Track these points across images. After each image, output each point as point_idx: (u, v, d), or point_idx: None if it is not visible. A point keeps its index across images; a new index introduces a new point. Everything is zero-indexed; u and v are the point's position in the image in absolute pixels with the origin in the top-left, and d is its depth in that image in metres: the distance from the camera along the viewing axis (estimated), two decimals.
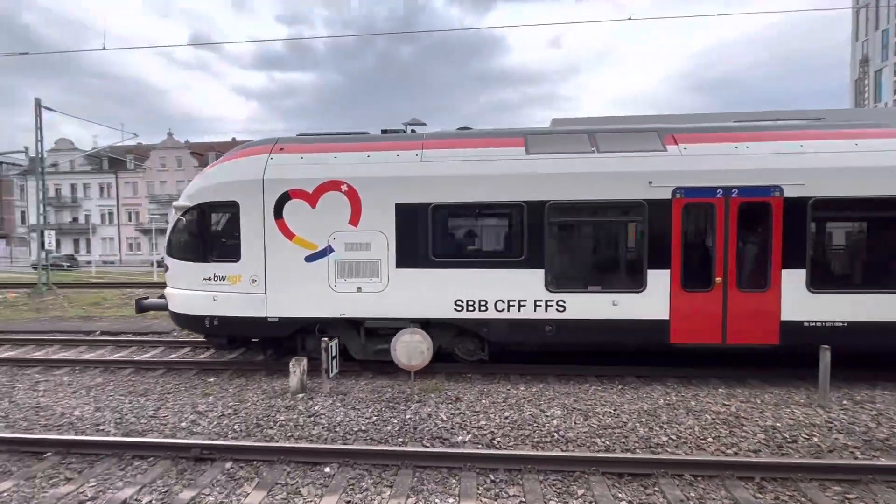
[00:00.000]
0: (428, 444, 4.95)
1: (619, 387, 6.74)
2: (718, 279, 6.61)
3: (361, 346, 7.49)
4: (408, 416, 5.64)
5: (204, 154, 56.30)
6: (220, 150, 54.95)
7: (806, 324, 6.47)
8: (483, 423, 5.46)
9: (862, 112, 8.86)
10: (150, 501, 4.01)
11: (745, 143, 6.73)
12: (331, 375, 6.55)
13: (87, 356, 8.78)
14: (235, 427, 5.46)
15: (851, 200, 6.40)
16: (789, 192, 6.45)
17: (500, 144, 7.17)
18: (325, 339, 6.52)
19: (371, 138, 7.72)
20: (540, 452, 4.61)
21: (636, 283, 6.80)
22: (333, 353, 6.58)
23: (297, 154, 7.31)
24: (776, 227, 6.49)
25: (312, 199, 7.07)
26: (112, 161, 55.76)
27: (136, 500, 4.04)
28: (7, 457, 4.81)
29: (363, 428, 5.37)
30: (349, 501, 3.95)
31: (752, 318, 6.59)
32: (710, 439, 5.00)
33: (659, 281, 6.69)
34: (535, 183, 6.81)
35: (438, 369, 7.35)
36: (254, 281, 7.22)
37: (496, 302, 6.93)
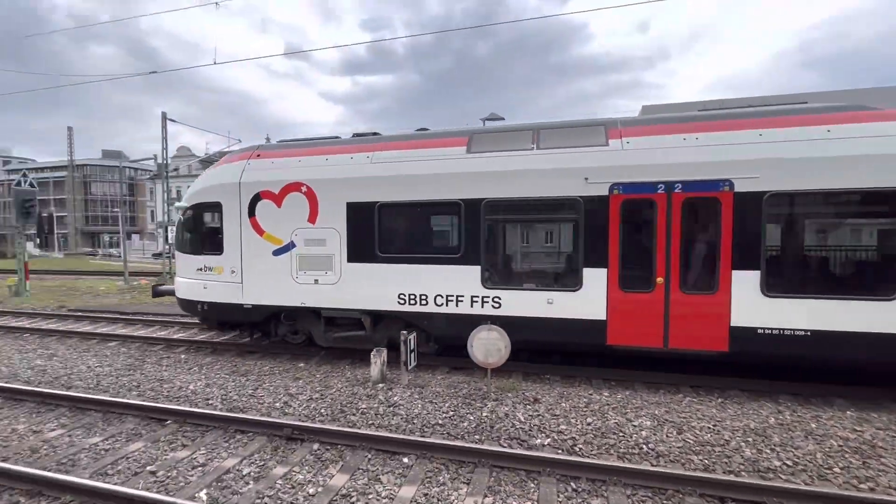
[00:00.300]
0: (505, 445, 4.83)
1: (720, 400, 6.07)
2: (660, 280, 6.25)
3: (322, 333, 7.99)
4: (484, 414, 5.57)
5: None
6: None
7: (760, 330, 5.89)
8: (563, 427, 5.21)
9: (857, 93, 6.90)
10: (249, 473, 4.38)
11: (695, 135, 6.23)
12: (409, 368, 6.69)
13: (199, 337, 9.90)
14: (322, 411, 5.80)
15: (817, 194, 5.72)
16: (741, 186, 5.89)
17: (445, 144, 7.28)
18: (404, 332, 6.67)
19: (333, 142, 8.15)
20: (627, 465, 4.28)
21: (572, 281, 6.65)
22: (412, 347, 6.71)
23: (269, 159, 8.02)
24: (726, 225, 5.97)
25: (278, 199, 7.73)
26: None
27: (237, 469, 4.44)
28: (138, 421, 5.56)
29: (440, 422, 5.40)
30: (427, 494, 3.98)
31: (698, 323, 6.14)
32: (836, 469, 4.30)
33: (595, 280, 6.47)
34: (472, 181, 6.88)
35: (515, 368, 7.20)
36: (233, 272, 8.02)
37: (436, 297, 7.11)
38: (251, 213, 7.89)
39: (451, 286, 7.05)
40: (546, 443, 4.88)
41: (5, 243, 45.43)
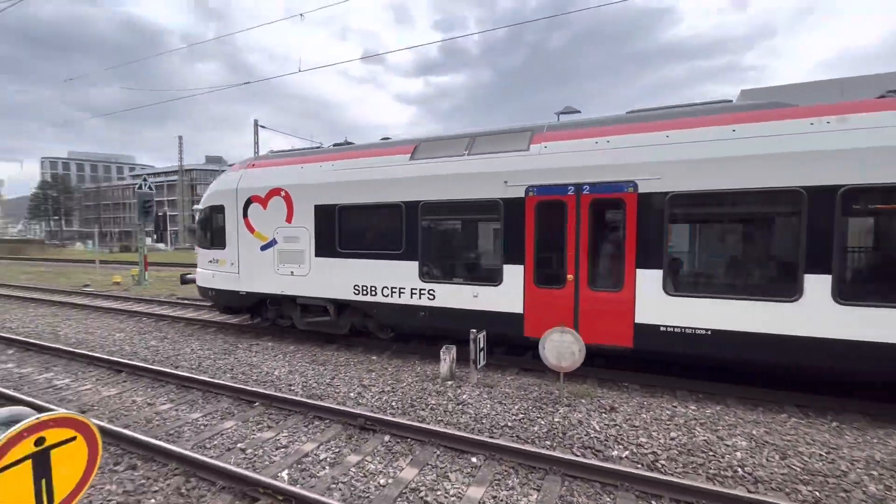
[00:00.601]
0: (578, 454, 4.61)
1: (834, 424, 5.29)
2: (570, 277, 6.55)
3: (299, 318, 9.03)
4: (556, 420, 5.36)
5: None
6: None
7: (662, 328, 6.02)
8: (643, 440, 4.85)
9: (784, 89, 6.61)
10: (326, 458, 4.61)
11: (606, 138, 6.44)
12: (478, 367, 6.65)
13: (285, 327, 10.65)
14: (393, 404, 5.95)
15: (719, 194, 5.72)
16: (644, 188, 6.04)
17: (394, 153, 7.99)
18: (473, 331, 6.63)
19: (309, 153, 9.33)
20: (719, 488, 3.87)
21: (494, 277, 7.09)
22: (481, 346, 6.66)
23: (260, 169, 9.31)
24: (630, 225, 6.14)
25: (265, 202, 8.95)
26: None
27: (315, 454, 4.69)
28: (231, 401, 6.11)
29: (509, 424, 5.29)
30: (495, 497, 3.91)
31: (605, 319, 6.38)
32: None
33: (514, 276, 6.89)
34: (411, 185, 7.55)
35: (589, 373, 6.86)
36: (232, 264, 9.38)
37: (382, 288, 7.88)
38: (245, 214, 9.20)
39: (395, 279, 7.78)
40: (624, 455, 4.57)
41: (130, 239, 52.73)
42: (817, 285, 5.27)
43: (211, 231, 9.89)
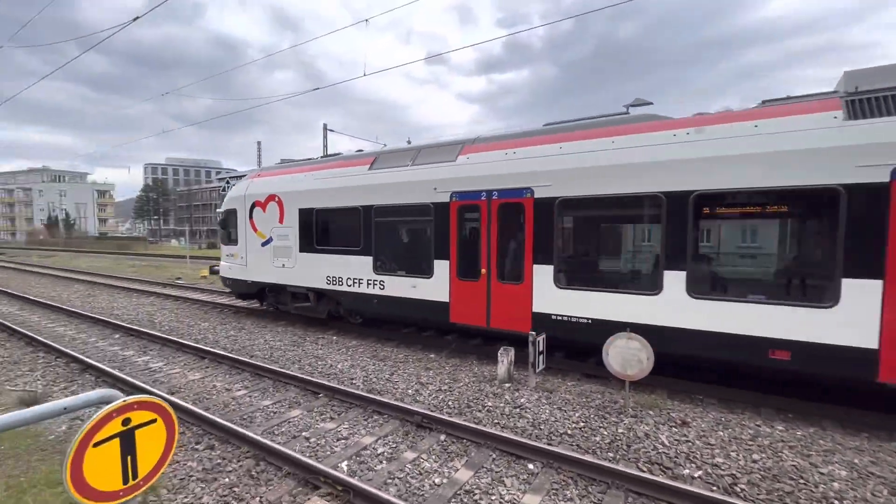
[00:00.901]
0: (644, 469, 4.31)
1: None
2: (483, 271, 7.48)
3: (290, 303, 10.71)
4: (619, 431, 5.07)
5: None
6: None
7: (553, 316, 6.82)
8: (720, 460, 4.44)
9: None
10: (383, 452, 4.71)
11: (513, 150, 7.25)
12: (537, 370, 6.47)
13: (349, 322, 11.10)
14: (450, 403, 5.95)
15: (598, 199, 6.38)
16: (539, 193, 6.84)
17: (359, 164, 9.35)
18: (533, 333, 6.46)
19: (299, 164, 11.00)
20: None
21: (428, 271, 8.12)
22: (541, 349, 6.47)
23: (262, 178, 11.21)
24: (528, 226, 6.95)
25: (264, 206, 10.73)
26: None
27: (373, 448, 4.81)
28: (298, 391, 6.46)
29: (569, 432, 5.08)
30: None
31: (510, 307, 7.25)
32: None
33: (442, 270, 7.93)
34: (368, 192, 8.88)
35: (659, 383, 6.41)
36: (242, 257, 11.29)
37: (347, 279, 9.28)
38: (250, 216, 11.05)
39: (356, 271, 9.12)
40: (697, 475, 4.21)
41: (216, 236, 57.97)
42: (674, 281, 5.87)
43: (227, 230, 11.90)
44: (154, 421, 2.07)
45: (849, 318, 4.95)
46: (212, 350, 8.16)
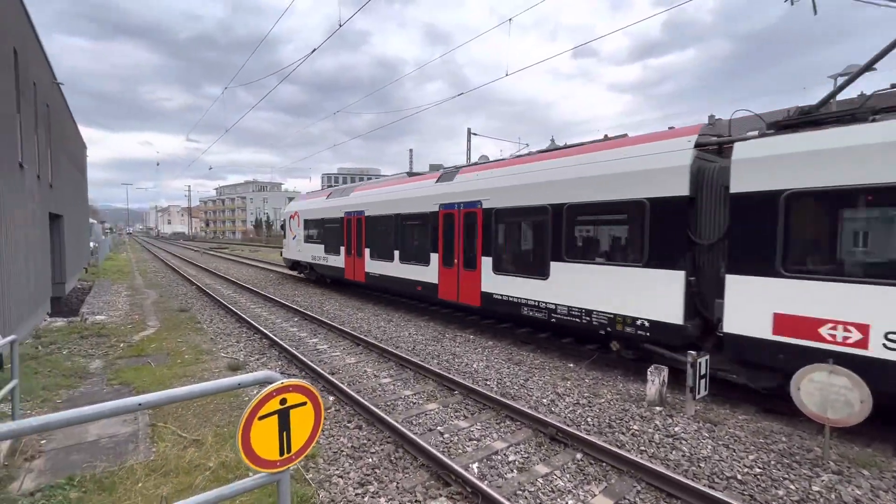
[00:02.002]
0: None
1: None
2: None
3: (307, 272, 18.92)
4: (815, 489, 4.00)
5: None
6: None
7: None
8: None
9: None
10: (514, 461, 4.57)
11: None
12: (697, 396, 5.55)
13: (485, 322, 11.25)
14: (588, 420, 5.50)
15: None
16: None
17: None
18: (693, 353, 5.56)
19: (316, 193, 18.89)
20: None
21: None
22: (702, 371, 5.53)
23: (291, 203, 20.17)
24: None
25: (293, 218, 19.23)
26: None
27: (504, 454, 4.71)
28: (435, 385, 6.73)
29: (738, 477, 4.21)
30: None
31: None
32: None
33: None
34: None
35: (881, 434, 4.89)
36: (288, 245, 20.18)
37: (320, 257, 16.89)
38: (288, 224, 19.97)
39: (331, 257, 16.10)
40: None
41: None
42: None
43: (284, 229, 20.96)
44: (305, 404, 2.32)
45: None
46: (365, 339, 9.09)
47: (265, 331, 9.60)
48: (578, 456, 4.65)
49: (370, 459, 4.60)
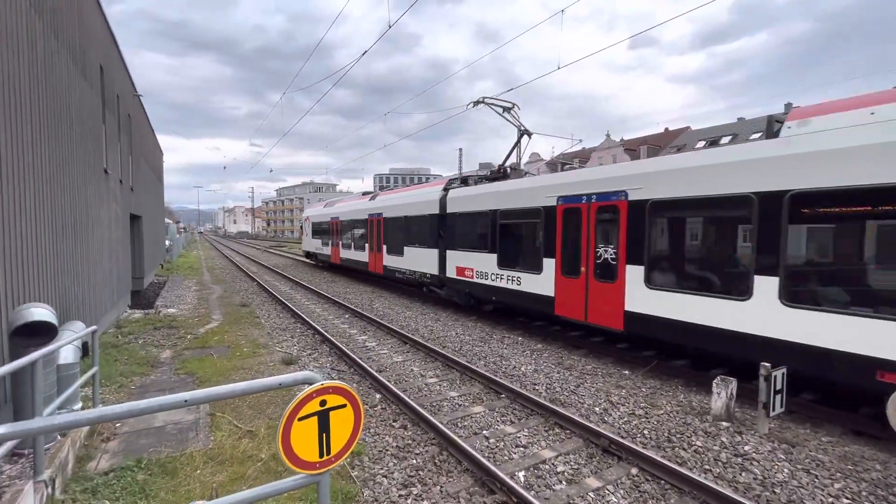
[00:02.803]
0: None
1: None
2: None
3: (316, 259, 26.11)
4: None
5: (636, 149, 58.62)
6: (652, 143, 55.40)
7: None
8: None
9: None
10: (563, 472, 4.34)
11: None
12: (771, 413, 5.02)
13: (537, 324, 10.95)
14: (645, 432, 5.14)
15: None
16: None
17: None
18: (766, 364, 5.03)
19: (329, 202, 25.61)
20: None
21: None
22: (778, 386, 4.99)
23: (307, 209, 29.53)
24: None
25: (307, 220, 27.36)
26: (561, 165, 68.24)
27: (552, 464, 4.49)
28: (482, 388, 6.60)
29: None
30: None
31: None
32: None
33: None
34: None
35: None
36: (303, 241, 29.15)
37: (319, 250, 25.10)
38: (306, 224, 27.60)
39: (321, 246, 24.59)
40: None
41: None
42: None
43: (302, 229, 29.21)
44: (344, 406, 2.29)
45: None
46: (412, 337, 9.12)
47: (317, 327, 9.91)
48: (634, 471, 4.34)
49: (414, 461, 4.56)
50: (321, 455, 2.23)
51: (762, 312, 5.56)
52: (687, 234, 6.79)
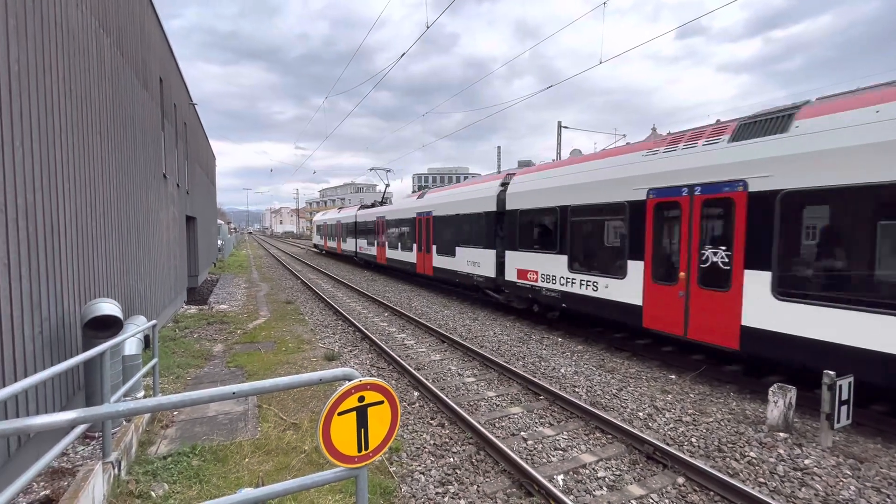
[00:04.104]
0: None
1: None
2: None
3: (323, 252, 39.31)
4: None
5: None
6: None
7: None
8: None
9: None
10: (604, 478, 4.22)
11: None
12: (836, 425, 4.65)
13: (576, 323, 10.70)
14: (693, 440, 4.91)
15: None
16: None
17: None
18: (830, 373, 4.66)
19: (339, 210, 35.48)
20: None
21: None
22: (844, 397, 4.61)
23: (317, 216, 44.77)
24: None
25: (314, 225, 43.38)
26: None
27: (593, 469, 4.38)
28: (520, 388, 6.53)
29: None
30: None
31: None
32: None
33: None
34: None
35: None
36: (315, 237, 43.14)
37: (329, 245, 35.88)
38: (314, 226, 43.54)
39: (333, 241, 33.71)
40: None
41: None
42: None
43: (313, 230, 44.60)
44: (382, 402, 2.33)
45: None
46: (450, 336, 9.16)
47: (358, 324, 10.15)
48: (680, 480, 4.15)
49: (451, 459, 4.58)
50: (360, 449, 2.28)
51: None
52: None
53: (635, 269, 7.66)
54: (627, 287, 7.80)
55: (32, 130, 3.96)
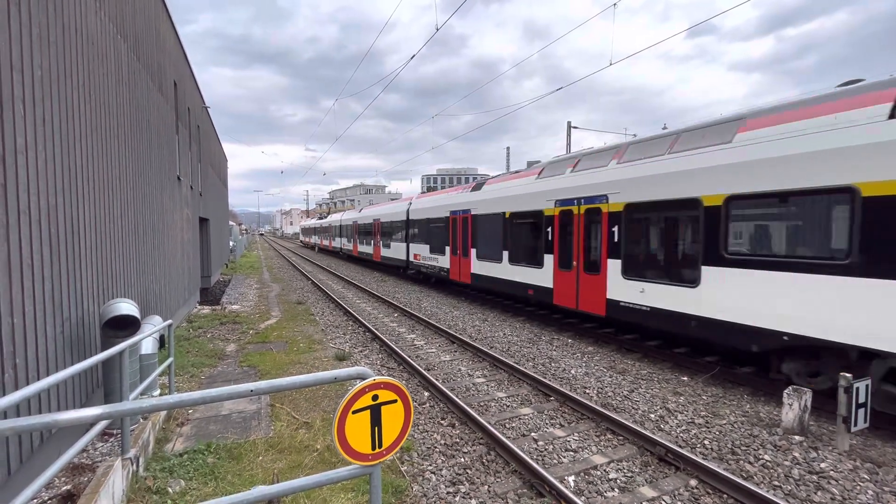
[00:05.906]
0: None
1: None
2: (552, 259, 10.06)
3: (316, 249, 47.70)
4: None
5: None
6: None
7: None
8: None
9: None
10: (616, 479, 4.21)
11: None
12: (852, 428, 4.58)
13: (586, 325, 10.66)
14: (706, 442, 4.86)
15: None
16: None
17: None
18: (846, 375, 4.60)
19: (344, 213, 37.43)
20: None
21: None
22: (861, 399, 4.54)
23: (302, 222, 73.71)
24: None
25: (301, 227, 61.97)
26: None
27: (604, 471, 4.36)
28: (530, 389, 6.53)
29: None
30: None
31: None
32: None
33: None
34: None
35: None
36: (314, 238, 51.29)
37: (322, 243, 44.85)
38: (301, 229, 57.62)
39: (328, 240, 40.73)
40: None
41: None
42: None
43: (300, 230, 63.85)
44: (395, 401, 2.36)
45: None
46: (460, 337, 9.18)
47: (368, 325, 10.22)
48: (692, 482, 4.12)
49: (462, 459, 4.60)
50: (373, 447, 2.31)
51: None
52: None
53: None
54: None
55: (53, 134, 4.07)
